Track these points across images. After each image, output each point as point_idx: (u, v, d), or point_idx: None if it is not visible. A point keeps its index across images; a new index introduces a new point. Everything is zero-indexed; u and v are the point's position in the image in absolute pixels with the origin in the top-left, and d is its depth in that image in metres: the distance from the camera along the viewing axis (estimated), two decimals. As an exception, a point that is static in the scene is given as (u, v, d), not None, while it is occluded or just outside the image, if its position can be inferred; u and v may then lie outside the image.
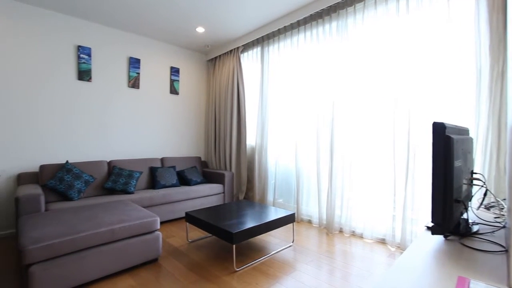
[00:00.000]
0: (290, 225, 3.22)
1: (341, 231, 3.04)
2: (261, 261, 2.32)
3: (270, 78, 3.88)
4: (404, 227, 2.49)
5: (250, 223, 2.30)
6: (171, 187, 3.68)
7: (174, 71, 4.43)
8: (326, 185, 3.18)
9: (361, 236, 2.88)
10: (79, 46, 3.41)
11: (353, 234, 2.96)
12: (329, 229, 3.03)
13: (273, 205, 3.83)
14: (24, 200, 2.36)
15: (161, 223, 3.40)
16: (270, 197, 3.94)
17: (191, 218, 2.58)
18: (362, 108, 2.87)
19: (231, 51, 4.32)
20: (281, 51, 3.72)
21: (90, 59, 3.52)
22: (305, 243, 2.72)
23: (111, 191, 3.31)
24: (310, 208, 3.45)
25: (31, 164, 3.12)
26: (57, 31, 3.27)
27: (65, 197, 2.91)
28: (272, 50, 3.86)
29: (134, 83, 3.95)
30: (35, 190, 2.56)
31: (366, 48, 2.82)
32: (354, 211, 2.93)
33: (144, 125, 4.10)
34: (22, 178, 2.94)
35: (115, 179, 3.28)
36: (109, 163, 3.50)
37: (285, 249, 2.57)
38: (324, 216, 3.17)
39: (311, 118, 3.37)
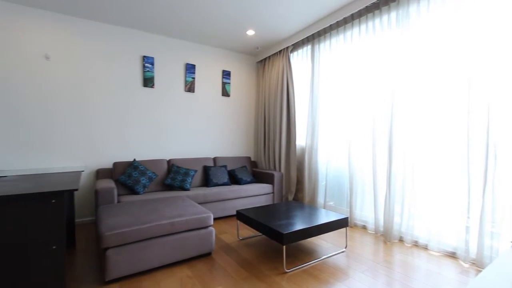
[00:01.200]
0: (343, 229, 3.07)
1: (401, 240, 2.78)
2: (312, 264, 2.25)
3: (321, 76, 3.75)
4: (481, 241, 2.16)
5: (300, 225, 2.26)
6: (222, 185, 3.84)
7: (226, 74, 4.62)
8: (383, 188, 2.94)
9: (425, 247, 2.59)
10: (144, 56, 3.81)
11: (416, 244, 2.67)
12: (386, 237, 2.79)
13: (324, 208, 3.69)
14: (101, 193, 2.74)
15: (214, 219, 3.58)
16: (320, 199, 3.82)
17: (242, 216, 2.65)
18: (427, 103, 2.57)
19: (280, 51, 4.31)
20: (333, 48, 3.56)
21: (153, 67, 3.89)
22: (359, 250, 2.56)
23: (170, 187, 3.60)
24: (365, 213, 3.23)
25: (107, 161, 3.60)
26: (127, 44, 3.70)
27: (133, 191, 3.27)
28: (323, 47, 3.73)
29: (190, 87, 4.23)
30: (109, 184, 2.93)
31: (432, 37, 2.52)
32: (417, 218, 2.65)
33: (198, 126, 4.36)
34: (100, 173, 3.41)
35: (173, 176, 3.57)
36: (168, 161, 3.82)
37: (338, 255, 2.45)
38: (381, 223, 2.94)
39: (366, 116, 3.15)
